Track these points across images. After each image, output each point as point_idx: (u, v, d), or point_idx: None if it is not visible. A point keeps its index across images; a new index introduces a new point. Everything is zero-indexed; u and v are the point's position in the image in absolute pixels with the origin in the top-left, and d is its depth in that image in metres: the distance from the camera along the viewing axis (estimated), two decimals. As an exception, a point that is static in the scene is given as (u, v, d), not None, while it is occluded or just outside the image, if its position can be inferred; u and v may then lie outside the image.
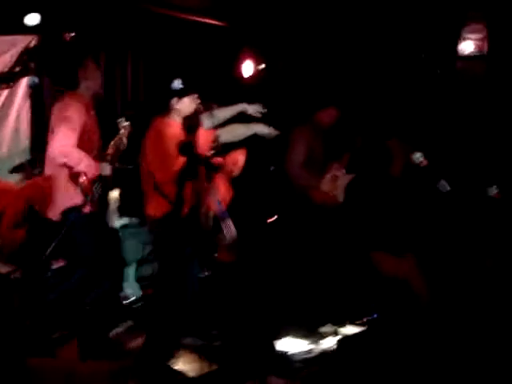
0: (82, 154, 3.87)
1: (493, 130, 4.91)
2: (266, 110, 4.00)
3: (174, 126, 3.68)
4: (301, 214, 4.68)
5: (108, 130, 4.25)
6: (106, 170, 3.95)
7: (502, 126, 4.86)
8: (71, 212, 3.96)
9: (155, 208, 3.74)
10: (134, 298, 4.83)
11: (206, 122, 3.86)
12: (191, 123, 3.41)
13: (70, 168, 3.91)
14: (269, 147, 4.69)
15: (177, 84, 3.67)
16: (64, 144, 3.83)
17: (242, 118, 4.05)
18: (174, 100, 3.71)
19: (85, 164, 3.86)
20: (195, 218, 3.75)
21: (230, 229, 3.69)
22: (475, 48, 5.28)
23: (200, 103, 3.77)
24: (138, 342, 4.03)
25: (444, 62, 5.31)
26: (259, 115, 3.97)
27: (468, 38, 5.30)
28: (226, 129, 3.87)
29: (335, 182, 4.65)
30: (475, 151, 4.89)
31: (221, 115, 3.97)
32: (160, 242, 3.87)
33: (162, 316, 3.71)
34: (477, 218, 4.14)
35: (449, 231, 4.23)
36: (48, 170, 4.10)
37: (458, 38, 5.24)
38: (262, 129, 3.91)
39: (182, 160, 3.41)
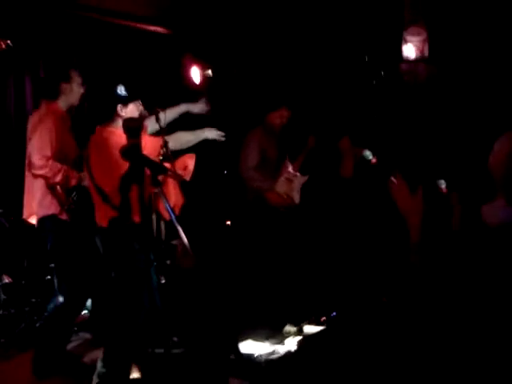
0: (59, 165, 3.94)
1: (438, 129, 5.06)
2: (209, 107, 4.00)
3: (117, 134, 3.52)
4: (256, 217, 4.68)
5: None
6: (85, 179, 3.93)
7: (446, 124, 5.02)
8: (47, 221, 4.03)
9: (102, 217, 3.64)
10: (86, 311, 4.73)
11: (151, 125, 3.80)
12: (132, 126, 3.29)
13: (47, 179, 3.97)
14: (221, 151, 4.69)
15: (120, 91, 3.59)
16: (41, 156, 3.92)
17: (190, 124, 4.02)
18: (119, 107, 3.61)
19: (62, 175, 3.93)
20: (146, 224, 3.66)
21: (181, 235, 3.62)
22: (416, 51, 5.44)
23: (144, 109, 3.70)
24: (96, 354, 3.92)
25: (388, 64, 5.44)
26: (205, 113, 4.00)
27: (409, 41, 5.46)
28: (172, 137, 3.80)
29: (290, 184, 4.66)
30: (421, 148, 5.02)
31: (167, 117, 3.91)
32: (110, 251, 3.77)
33: (119, 327, 3.62)
34: (428, 213, 4.22)
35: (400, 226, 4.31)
36: (27, 179, 4.16)
37: (400, 41, 5.39)
38: (209, 134, 3.90)
39: (126, 165, 3.31)
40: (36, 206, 4.08)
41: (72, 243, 4.02)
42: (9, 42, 4.88)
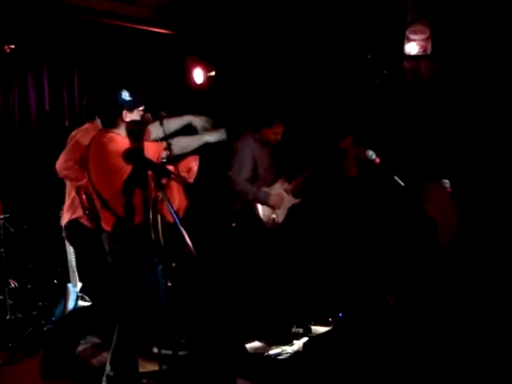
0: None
1: (441, 127, 5.06)
2: (212, 122, 3.99)
3: (117, 140, 3.46)
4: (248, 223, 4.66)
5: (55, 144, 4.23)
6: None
7: (449, 123, 5.02)
8: (71, 225, 4.10)
9: (106, 222, 3.65)
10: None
11: (156, 131, 3.78)
12: (136, 129, 3.26)
13: (71, 180, 4.03)
14: (224, 152, 4.67)
15: (125, 96, 3.55)
16: (67, 158, 3.96)
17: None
18: (124, 113, 3.56)
19: (86, 180, 3.86)
20: (149, 227, 3.65)
21: (185, 238, 3.61)
22: (419, 48, 5.42)
23: (147, 112, 3.67)
24: (104, 357, 3.94)
25: (390, 62, 5.42)
26: (207, 127, 3.98)
27: (412, 39, 5.44)
28: (172, 141, 3.78)
29: (281, 201, 4.65)
30: (424, 147, 5.02)
31: (170, 126, 3.91)
32: (115, 255, 3.78)
33: (126, 330, 3.63)
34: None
35: (407, 226, 4.32)
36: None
37: (403, 39, 5.37)
38: (210, 137, 3.89)
39: (128, 169, 3.30)
40: (65, 211, 4.16)
41: (93, 249, 3.99)
42: (13, 46, 4.89)
